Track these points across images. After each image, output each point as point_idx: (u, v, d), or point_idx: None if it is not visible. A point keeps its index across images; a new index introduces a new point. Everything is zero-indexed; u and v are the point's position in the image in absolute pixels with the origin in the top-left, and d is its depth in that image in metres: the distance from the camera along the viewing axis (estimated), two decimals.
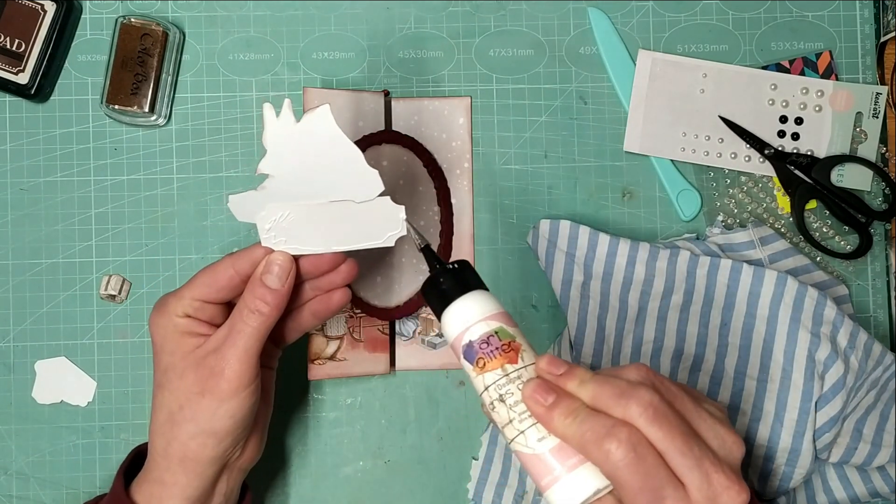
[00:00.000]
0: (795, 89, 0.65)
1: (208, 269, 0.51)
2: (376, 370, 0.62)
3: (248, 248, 0.50)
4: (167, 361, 0.50)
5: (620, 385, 0.43)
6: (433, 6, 0.65)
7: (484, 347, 0.45)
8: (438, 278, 0.47)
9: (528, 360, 0.45)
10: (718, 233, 0.64)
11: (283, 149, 0.49)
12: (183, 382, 0.49)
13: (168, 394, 0.50)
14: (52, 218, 0.64)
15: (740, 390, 0.60)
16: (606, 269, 0.62)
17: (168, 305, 0.50)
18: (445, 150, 0.64)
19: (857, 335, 0.60)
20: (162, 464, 0.50)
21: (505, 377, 0.44)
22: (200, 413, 0.49)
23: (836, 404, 0.59)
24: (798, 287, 0.60)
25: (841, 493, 0.61)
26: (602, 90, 0.65)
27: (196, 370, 0.49)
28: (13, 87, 0.62)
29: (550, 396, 0.43)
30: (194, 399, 0.49)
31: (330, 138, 0.48)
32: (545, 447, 0.44)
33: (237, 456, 0.52)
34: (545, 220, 0.63)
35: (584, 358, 0.62)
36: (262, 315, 0.49)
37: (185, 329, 0.50)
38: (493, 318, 0.46)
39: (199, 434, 0.49)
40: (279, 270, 0.49)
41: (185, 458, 0.50)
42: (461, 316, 0.46)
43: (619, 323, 0.62)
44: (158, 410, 0.50)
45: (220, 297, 0.50)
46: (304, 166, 0.49)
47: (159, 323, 0.50)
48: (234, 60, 0.65)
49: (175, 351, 0.50)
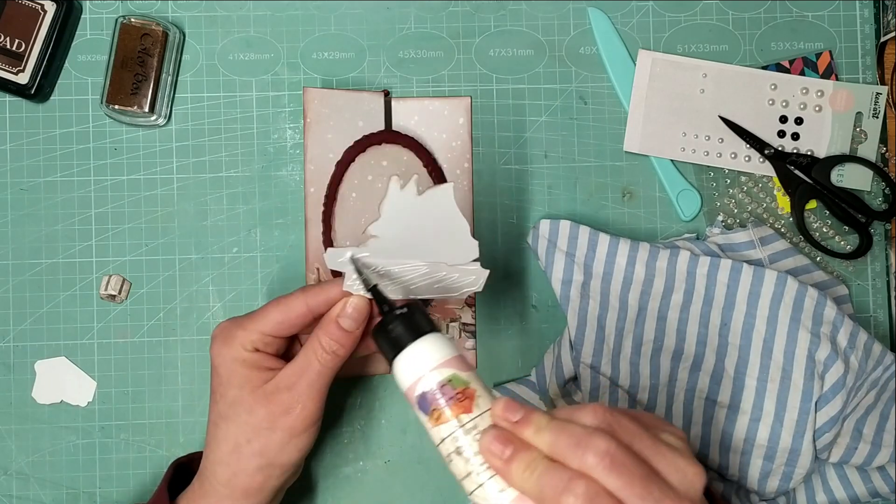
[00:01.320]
0: (795, 89, 0.65)
1: (280, 303, 0.50)
2: (376, 370, 0.62)
3: (322, 285, 0.50)
4: (234, 395, 0.50)
5: (576, 433, 0.41)
6: (433, 6, 0.65)
7: (437, 398, 0.44)
8: (387, 324, 0.46)
9: (483, 407, 0.44)
10: (718, 233, 0.64)
11: (397, 216, 0.49)
12: (252, 417, 0.50)
13: (234, 427, 0.50)
14: (52, 218, 0.64)
15: (740, 390, 0.60)
16: (606, 268, 0.62)
17: (235, 338, 0.50)
18: (445, 150, 0.64)
19: (857, 335, 0.60)
20: (223, 492, 0.51)
21: (461, 428, 0.43)
22: (270, 448, 0.50)
23: (836, 404, 0.59)
24: (798, 287, 0.60)
25: (841, 493, 0.61)
26: (602, 90, 0.65)
27: (266, 406, 0.50)
28: (13, 87, 0.62)
29: (508, 449, 0.42)
30: (264, 434, 0.50)
31: (444, 212, 0.49)
32: (506, 499, 0.42)
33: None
34: (545, 220, 0.63)
35: (584, 358, 0.62)
36: (337, 356, 0.50)
37: (254, 363, 0.50)
38: (445, 364, 0.44)
39: (266, 467, 0.50)
40: (357, 314, 0.50)
41: (249, 489, 0.51)
42: (413, 365, 0.45)
43: (619, 323, 0.62)
44: (222, 441, 0.51)
45: (289, 333, 0.51)
46: (410, 232, 0.49)
47: (225, 354, 0.50)
48: (234, 60, 0.65)
49: (244, 385, 0.50)
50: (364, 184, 0.62)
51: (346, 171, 0.62)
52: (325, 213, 0.62)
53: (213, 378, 0.52)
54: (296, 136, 0.64)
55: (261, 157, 0.64)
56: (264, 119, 0.64)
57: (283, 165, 0.64)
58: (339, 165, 0.62)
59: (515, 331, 0.65)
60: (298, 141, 0.64)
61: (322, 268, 0.63)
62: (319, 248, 0.62)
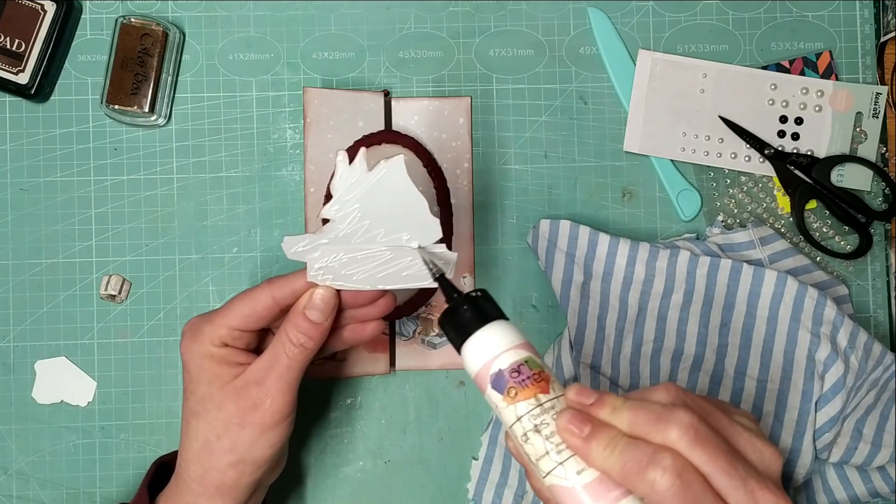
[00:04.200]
0: (795, 89, 0.65)
1: (246, 297, 0.50)
2: (376, 370, 0.62)
3: (287, 276, 0.50)
4: (203, 391, 0.50)
5: (656, 409, 0.41)
6: (433, 6, 0.65)
7: (515, 376, 0.43)
8: (461, 307, 0.45)
9: (558, 391, 0.43)
10: (718, 233, 0.64)
11: (349, 195, 0.48)
12: (221, 413, 0.49)
13: (205, 423, 0.49)
14: (52, 218, 0.64)
15: (740, 390, 0.60)
16: (606, 268, 0.62)
17: (203, 333, 0.50)
18: (445, 150, 0.64)
19: (856, 335, 0.60)
20: (196, 489, 0.50)
21: (539, 407, 0.43)
22: (240, 444, 0.49)
23: (835, 404, 0.59)
24: (798, 287, 0.60)
25: (841, 494, 0.61)
26: (602, 90, 0.65)
27: (236, 401, 0.49)
28: (13, 87, 0.62)
29: (587, 427, 0.41)
30: (234, 430, 0.49)
31: (398, 187, 0.48)
32: (584, 480, 0.41)
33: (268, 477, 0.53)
34: (545, 220, 0.63)
35: (584, 358, 0.62)
36: (306, 349, 0.49)
37: (223, 358, 0.50)
38: (520, 347, 0.44)
39: (237, 463, 0.49)
40: (323, 305, 0.49)
41: (222, 486, 0.50)
42: (488, 345, 0.44)
43: (619, 323, 0.62)
44: (193, 438, 0.50)
45: (256, 326, 0.50)
46: (367, 212, 0.48)
47: (193, 351, 0.50)
48: (234, 60, 0.65)
49: (213, 381, 0.49)
50: None
51: None
52: None
53: (184, 375, 0.51)
54: (296, 136, 0.64)
55: (261, 157, 0.64)
56: (264, 119, 0.64)
57: (283, 165, 0.64)
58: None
59: None
60: (298, 141, 0.64)
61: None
62: None
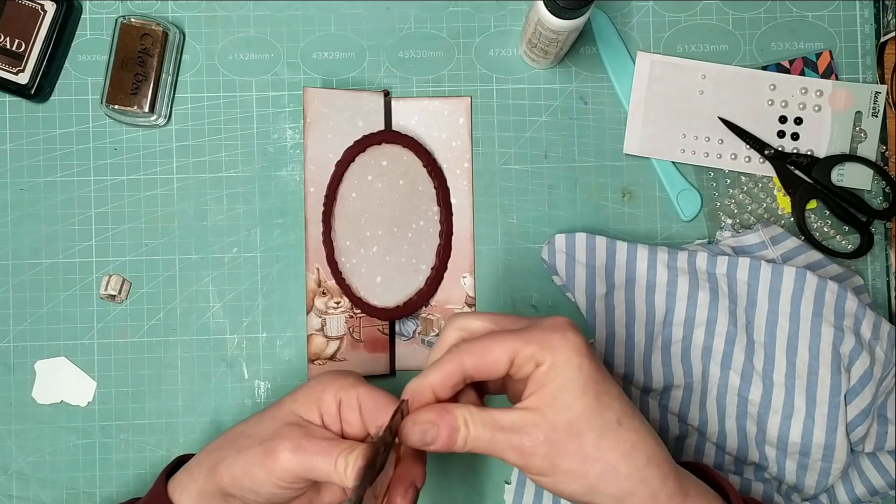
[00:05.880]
0: (794, 89, 0.65)
1: (381, 397, 0.50)
2: (376, 370, 0.62)
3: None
4: (275, 428, 0.48)
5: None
6: (433, 6, 0.65)
7: None
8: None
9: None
10: (729, 236, 0.63)
11: None
12: (253, 452, 0.48)
13: (242, 440, 0.49)
14: (52, 218, 0.64)
15: (770, 388, 0.60)
16: (629, 275, 0.62)
17: (341, 388, 0.49)
18: (445, 150, 0.64)
19: (879, 325, 0.60)
20: (198, 462, 0.50)
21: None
22: (246, 475, 0.48)
23: (865, 396, 0.59)
24: (818, 282, 0.60)
25: (879, 481, 0.61)
26: (602, 90, 0.65)
27: (267, 443, 0.47)
28: (13, 87, 0.62)
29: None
30: (254, 468, 0.47)
31: None
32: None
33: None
34: (560, 235, 0.62)
35: (617, 369, 0.62)
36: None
37: (326, 414, 0.49)
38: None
39: (232, 486, 0.48)
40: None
41: (215, 469, 0.49)
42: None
43: (648, 327, 0.62)
44: (223, 437, 0.50)
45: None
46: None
47: (321, 391, 0.49)
48: (234, 60, 0.65)
49: (291, 419, 0.48)
50: (364, 184, 0.62)
51: (346, 171, 0.62)
52: (325, 212, 0.62)
53: (294, 393, 0.50)
54: (296, 136, 0.64)
55: (261, 157, 0.64)
56: (264, 119, 0.64)
57: (283, 165, 0.64)
58: (338, 165, 0.62)
59: None
60: (298, 141, 0.64)
61: (322, 268, 0.63)
62: (319, 247, 0.62)
